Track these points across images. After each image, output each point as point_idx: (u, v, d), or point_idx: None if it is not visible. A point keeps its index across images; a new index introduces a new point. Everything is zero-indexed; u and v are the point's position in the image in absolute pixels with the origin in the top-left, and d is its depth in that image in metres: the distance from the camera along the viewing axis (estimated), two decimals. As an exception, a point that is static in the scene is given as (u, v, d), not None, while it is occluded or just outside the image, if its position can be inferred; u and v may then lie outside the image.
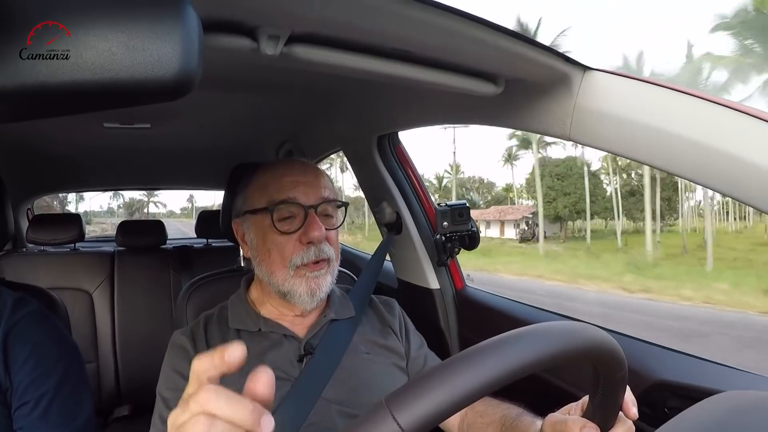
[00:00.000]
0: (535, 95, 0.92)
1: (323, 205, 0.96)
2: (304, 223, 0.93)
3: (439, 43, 0.79)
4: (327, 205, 0.97)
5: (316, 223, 0.93)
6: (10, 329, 0.89)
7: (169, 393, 0.90)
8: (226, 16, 0.68)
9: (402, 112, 1.41)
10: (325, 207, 0.97)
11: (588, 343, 0.47)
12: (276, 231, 0.93)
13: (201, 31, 0.40)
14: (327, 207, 0.97)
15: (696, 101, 0.72)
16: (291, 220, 0.94)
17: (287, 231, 0.93)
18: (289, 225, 0.94)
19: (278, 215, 0.94)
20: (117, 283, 2.31)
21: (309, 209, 0.94)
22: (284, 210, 0.94)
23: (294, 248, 0.93)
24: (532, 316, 1.33)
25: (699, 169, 0.70)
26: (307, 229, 0.93)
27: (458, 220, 1.50)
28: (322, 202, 0.95)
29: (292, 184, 0.95)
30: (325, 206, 0.96)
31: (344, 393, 0.93)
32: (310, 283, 0.93)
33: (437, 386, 0.39)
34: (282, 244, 0.93)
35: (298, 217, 0.94)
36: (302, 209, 0.94)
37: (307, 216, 0.94)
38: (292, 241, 0.93)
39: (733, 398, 0.51)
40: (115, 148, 2.30)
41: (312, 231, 0.92)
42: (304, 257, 0.93)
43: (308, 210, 0.94)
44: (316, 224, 0.92)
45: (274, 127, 2.05)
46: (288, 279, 0.94)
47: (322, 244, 0.94)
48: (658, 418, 0.89)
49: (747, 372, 0.88)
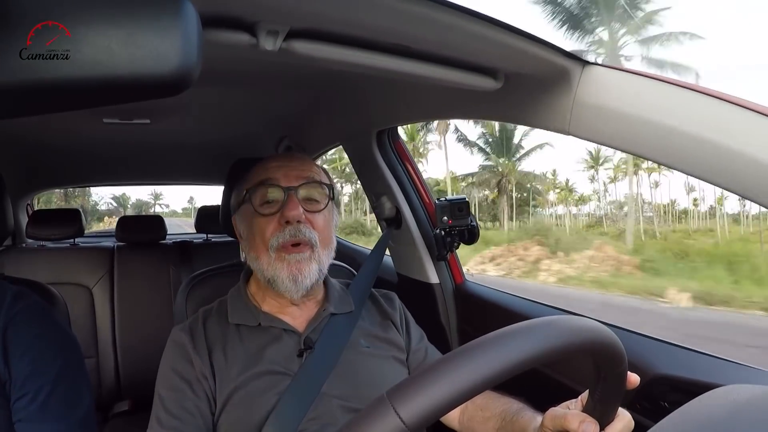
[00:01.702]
0: (535, 90, 0.92)
1: (305, 187, 0.96)
2: (283, 205, 0.94)
3: (438, 38, 0.78)
4: (310, 188, 0.97)
5: (293, 202, 0.93)
6: (10, 321, 0.89)
7: (166, 392, 0.90)
8: (225, 11, 0.68)
9: (401, 107, 1.41)
10: (309, 191, 0.96)
11: (588, 337, 0.47)
12: (258, 214, 0.94)
13: (200, 27, 0.40)
14: (312, 191, 0.97)
15: (696, 95, 0.71)
16: (273, 204, 0.95)
17: (267, 213, 0.94)
18: (270, 208, 0.95)
19: (260, 198, 0.95)
20: (117, 279, 2.31)
21: (288, 191, 0.94)
22: (265, 192, 0.95)
23: (273, 230, 0.93)
24: (531, 311, 1.34)
25: (698, 163, 0.70)
26: (284, 209, 0.93)
27: (458, 214, 1.49)
28: (304, 183, 0.95)
29: (275, 168, 0.96)
30: (308, 190, 0.96)
31: (345, 387, 0.93)
32: (291, 268, 0.92)
33: (439, 380, 0.39)
34: (262, 226, 0.94)
35: (279, 202, 0.95)
36: (282, 191, 0.94)
37: (287, 197, 0.94)
38: (273, 222, 0.94)
39: (733, 392, 0.51)
40: (114, 143, 2.30)
41: (288, 210, 0.92)
42: (280, 237, 0.93)
43: (288, 192, 0.94)
44: (292, 203, 0.92)
45: (273, 122, 2.05)
46: (270, 263, 0.93)
47: (301, 224, 0.93)
48: (658, 412, 0.89)
49: (746, 366, 0.88)
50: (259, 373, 0.91)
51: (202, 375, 0.91)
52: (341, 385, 0.93)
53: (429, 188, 1.67)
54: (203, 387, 0.90)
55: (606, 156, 44.12)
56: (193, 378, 0.90)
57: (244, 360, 0.93)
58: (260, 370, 0.91)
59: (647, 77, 0.77)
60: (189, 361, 0.92)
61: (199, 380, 0.90)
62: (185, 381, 0.90)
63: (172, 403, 0.88)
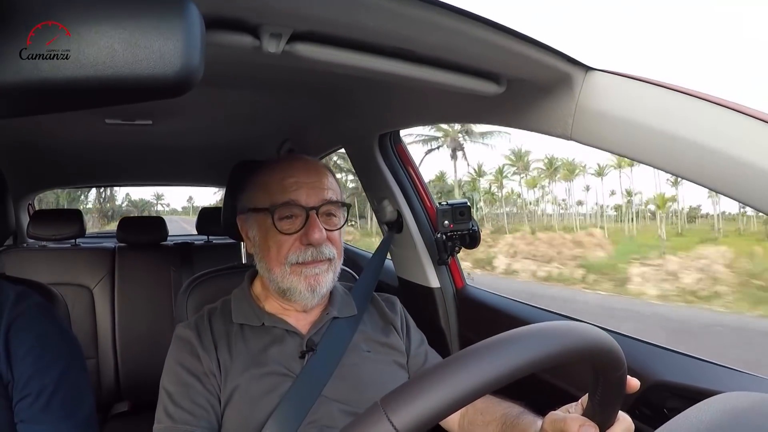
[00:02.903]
0: (537, 95, 0.92)
1: (326, 206, 0.96)
2: (305, 225, 0.93)
3: (442, 43, 0.78)
4: (330, 205, 0.96)
5: (316, 225, 0.92)
6: (12, 322, 0.89)
7: (173, 387, 0.90)
8: (229, 13, 0.68)
9: (404, 111, 1.41)
10: (328, 207, 0.96)
11: (588, 343, 0.46)
12: (277, 231, 0.93)
13: (203, 29, 0.40)
14: (330, 207, 0.97)
15: (698, 102, 0.71)
16: (292, 220, 0.94)
17: (288, 231, 0.93)
18: (290, 225, 0.94)
19: (279, 215, 0.94)
20: (117, 280, 2.31)
21: (310, 211, 0.93)
22: (285, 210, 0.94)
23: (292, 247, 0.93)
24: (532, 316, 1.33)
25: (700, 169, 0.70)
26: (307, 230, 0.92)
27: (459, 219, 1.49)
28: (324, 203, 0.95)
29: (295, 186, 0.95)
30: (327, 207, 0.96)
31: (345, 391, 0.93)
32: (310, 280, 0.93)
33: (433, 387, 0.39)
34: (281, 242, 0.93)
35: (300, 218, 0.94)
36: (303, 210, 0.94)
37: (308, 218, 0.93)
38: (292, 240, 0.93)
39: (732, 399, 0.51)
40: (116, 144, 2.30)
41: (312, 234, 0.92)
42: (301, 257, 0.93)
43: (309, 212, 0.93)
44: (316, 227, 0.92)
45: (275, 125, 2.05)
46: (286, 276, 0.94)
47: (322, 245, 0.93)
48: (658, 418, 0.89)
49: (746, 373, 0.88)
50: (262, 374, 0.91)
51: (209, 371, 0.91)
52: (341, 388, 0.93)
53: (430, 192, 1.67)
54: (212, 383, 0.90)
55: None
56: (201, 373, 0.90)
57: (248, 359, 0.93)
58: (263, 371, 0.91)
59: (650, 83, 0.77)
60: (196, 357, 0.92)
61: (208, 376, 0.90)
62: (194, 376, 0.90)
63: (181, 397, 0.88)
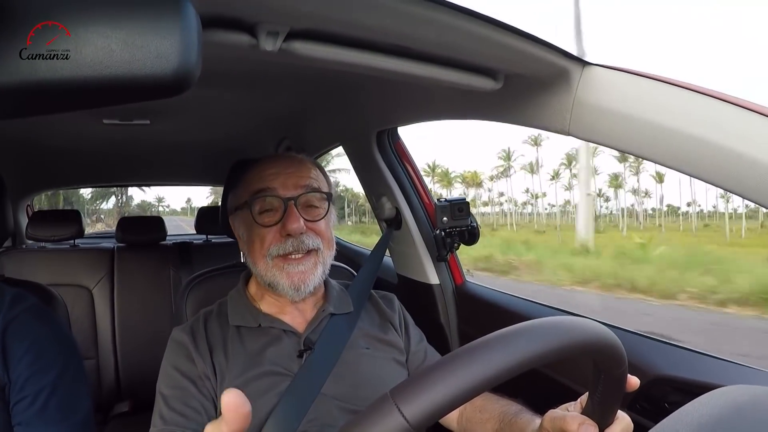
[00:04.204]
0: (535, 90, 0.92)
1: (305, 196, 0.95)
2: (283, 216, 0.93)
3: (438, 39, 0.78)
4: (310, 195, 0.96)
5: (293, 215, 0.92)
6: (8, 324, 0.89)
7: (168, 391, 0.89)
8: (226, 12, 0.68)
9: (401, 108, 1.40)
10: (309, 198, 0.96)
11: (589, 338, 0.47)
12: (257, 224, 0.94)
13: (200, 28, 0.40)
14: (311, 198, 0.97)
15: (696, 96, 0.71)
16: (272, 213, 0.94)
17: (268, 224, 0.94)
18: (269, 218, 0.94)
19: (259, 208, 0.94)
20: (117, 280, 2.30)
21: (288, 201, 0.93)
22: (264, 202, 0.94)
23: (273, 239, 0.93)
24: (532, 311, 1.33)
25: (698, 163, 0.70)
26: (285, 221, 0.92)
27: (458, 215, 1.49)
28: (303, 192, 0.95)
29: (273, 176, 0.95)
30: (308, 197, 0.96)
31: (344, 388, 0.93)
32: (293, 278, 0.93)
33: (442, 379, 0.39)
34: (263, 235, 0.94)
35: (279, 210, 0.94)
36: (282, 202, 0.94)
37: (287, 208, 0.93)
38: (273, 232, 0.94)
39: (733, 393, 0.51)
40: (114, 144, 2.30)
41: (290, 223, 0.92)
42: (281, 249, 0.93)
43: (287, 202, 0.93)
44: (293, 216, 0.92)
45: (273, 122, 2.04)
46: (269, 269, 0.94)
47: (303, 235, 0.93)
48: (658, 412, 0.89)
49: (747, 367, 0.88)
50: (260, 374, 0.91)
51: (204, 375, 0.91)
52: (340, 386, 0.93)
53: (428, 189, 1.67)
54: (206, 386, 0.90)
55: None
56: (196, 377, 0.90)
57: (245, 361, 0.93)
58: (261, 371, 0.91)
59: (648, 78, 0.77)
60: (191, 360, 0.92)
61: (202, 379, 0.90)
62: (188, 379, 0.90)
63: (175, 400, 0.88)
